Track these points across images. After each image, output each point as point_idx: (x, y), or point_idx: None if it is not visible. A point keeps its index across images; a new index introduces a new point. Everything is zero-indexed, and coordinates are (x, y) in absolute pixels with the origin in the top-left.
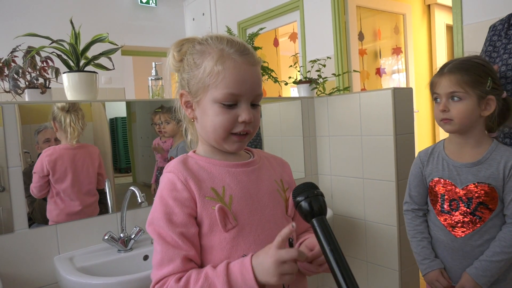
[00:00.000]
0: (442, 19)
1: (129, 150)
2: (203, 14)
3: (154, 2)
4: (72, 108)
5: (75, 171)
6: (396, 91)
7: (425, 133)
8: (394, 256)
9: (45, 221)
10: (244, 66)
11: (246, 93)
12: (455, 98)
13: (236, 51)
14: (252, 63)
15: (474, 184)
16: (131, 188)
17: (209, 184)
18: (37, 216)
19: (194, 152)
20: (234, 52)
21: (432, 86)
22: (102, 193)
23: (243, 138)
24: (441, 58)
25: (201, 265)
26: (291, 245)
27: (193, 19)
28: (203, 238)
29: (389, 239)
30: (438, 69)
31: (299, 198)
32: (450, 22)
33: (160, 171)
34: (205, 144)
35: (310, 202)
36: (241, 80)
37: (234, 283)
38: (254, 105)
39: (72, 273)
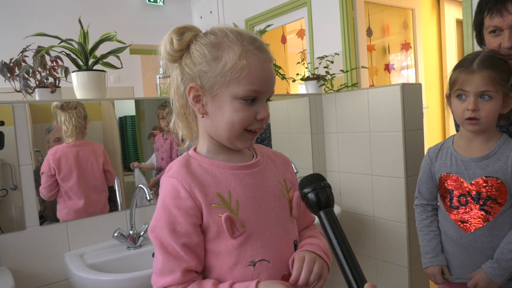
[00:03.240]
0: (452, 13)
1: (138, 148)
2: (211, 12)
3: (162, 0)
4: (66, 106)
5: (79, 168)
6: (405, 87)
7: (435, 129)
8: (403, 253)
9: (56, 219)
10: (265, 63)
11: (267, 90)
12: (485, 97)
13: (257, 47)
14: (270, 60)
15: (482, 178)
16: (140, 185)
17: (215, 189)
18: (49, 214)
19: (195, 150)
20: (254, 48)
21: (457, 82)
22: (111, 190)
23: (255, 136)
24: (451, 53)
25: (207, 269)
26: (295, 247)
27: (201, 17)
28: (210, 243)
29: (398, 236)
30: (458, 64)
31: (306, 190)
32: (460, 17)
33: (159, 171)
34: (209, 142)
35: (317, 194)
36: (264, 77)
37: None
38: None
39: (83, 270)
